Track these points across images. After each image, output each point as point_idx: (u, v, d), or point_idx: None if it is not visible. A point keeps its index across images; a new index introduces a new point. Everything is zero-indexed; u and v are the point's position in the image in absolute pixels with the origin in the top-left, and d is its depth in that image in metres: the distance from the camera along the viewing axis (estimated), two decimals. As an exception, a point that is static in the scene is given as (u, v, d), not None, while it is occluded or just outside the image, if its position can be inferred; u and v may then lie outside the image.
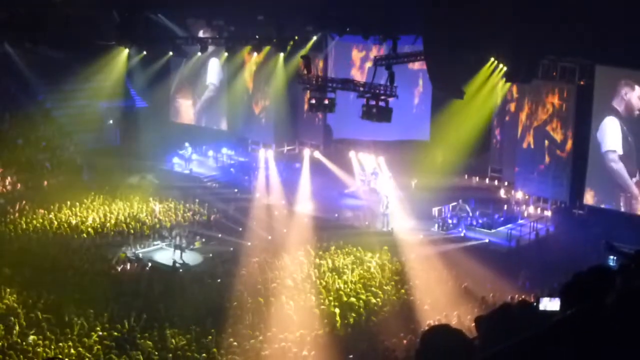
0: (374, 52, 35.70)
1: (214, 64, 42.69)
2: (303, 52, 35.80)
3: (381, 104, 29.33)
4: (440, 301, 24.23)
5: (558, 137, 32.74)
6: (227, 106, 42.94)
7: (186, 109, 44.61)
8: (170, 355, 20.42)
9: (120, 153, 40.66)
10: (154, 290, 25.64)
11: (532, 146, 33.67)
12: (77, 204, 33.94)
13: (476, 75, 33.29)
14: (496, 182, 36.55)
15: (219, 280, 27.47)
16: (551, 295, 5.42)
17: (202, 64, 42.76)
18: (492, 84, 34.26)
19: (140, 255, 29.93)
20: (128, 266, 28.16)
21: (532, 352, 4.10)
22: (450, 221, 32.29)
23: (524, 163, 34.17)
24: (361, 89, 30.22)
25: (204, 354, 20.38)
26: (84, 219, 32.59)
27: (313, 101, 31.20)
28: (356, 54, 39.10)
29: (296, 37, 36.69)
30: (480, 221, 32.31)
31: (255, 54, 39.69)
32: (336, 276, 26.64)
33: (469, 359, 4.23)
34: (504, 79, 32.93)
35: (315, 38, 38.24)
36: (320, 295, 24.62)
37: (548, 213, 33.16)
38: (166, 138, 42.10)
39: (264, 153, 39.54)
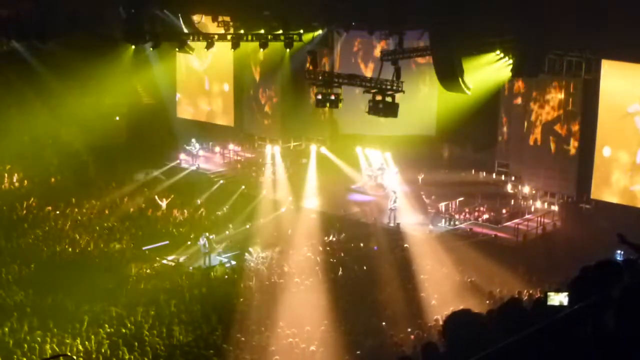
0: (380, 47, 35.68)
1: (219, 60, 42.68)
2: (309, 47, 35.79)
3: (387, 99, 29.31)
4: (447, 296, 24.23)
5: (564, 131, 32.73)
6: (234, 102, 42.95)
7: (192, 105, 44.63)
8: (178, 351, 20.47)
9: (127, 149, 40.74)
10: (161, 287, 25.70)
11: (538, 141, 33.67)
12: (84, 201, 34.04)
13: (482, 70, 33.30)
14: (503, 177, 36.49)
15: (226, 277, 27.56)
16: (559, 289, 5.44)
17: (208, 61, 42.77)
18: (498, 78, 34.30)
19: (147, 252, 29.99)
20: (136, 263, 28.24)
21: (541, 345, 4.13)
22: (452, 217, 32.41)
23: (531, 158, 34.17)
24: (367, 84, 30.20)
25: (211, 350, 20.42)
26: (91, 216, 32.69)
27: (319, 97, 31.22)
28: (363, 49, 39.08)
29: (302, 32, 36.66)
30: (485, 217, 32.44)
31: (261, 49, 39.71)
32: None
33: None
34: (510, 73, 32.91)
35: (321, 33, 38.22)
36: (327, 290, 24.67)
37: (555, 208, 33.13)
38: (172, 134, 42.18)
39: (271, 149, 39.57)
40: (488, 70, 32.96)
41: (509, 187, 35.59)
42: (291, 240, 30.63)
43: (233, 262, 29.45)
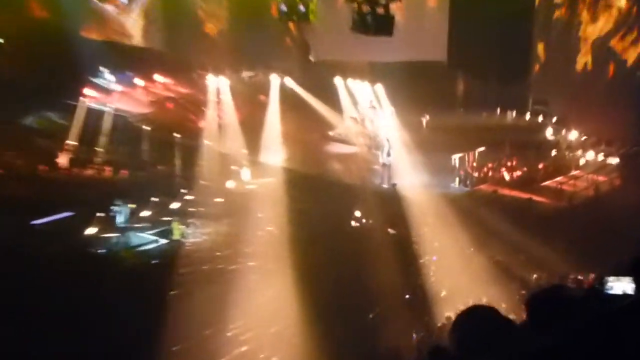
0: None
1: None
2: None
3: (379, 10, 29.17)
4: (463, 283, 24.38)
5: (627, 52, 32.76)
6: (163, 16, 42.67)
7: (103, 21, 44.32)
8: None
9: (13, 83, 40.49)
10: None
11: (589, 65, 33.72)
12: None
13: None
14: (540, 119, 36.60)
15: (153, 262, 27.51)
16: (618, 272, 5.42)
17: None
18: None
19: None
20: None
21: (598, 345, 4.09)
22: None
23: (579, 91, 34.22)
24: (351, -11, 30.05)
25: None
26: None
27: (284, 7, 31.01)
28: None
29: None
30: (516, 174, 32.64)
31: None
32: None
33: (510, 342, 4.25)
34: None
35: None
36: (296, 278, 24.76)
37: (613, 160, 33.22)
38: (76, 61, 41.92)
39: (216, 81, 39.29)
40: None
41: (549, 133, 35.71)
42: (245, 207, 30.59)
43: (163, 241, 29.38)
